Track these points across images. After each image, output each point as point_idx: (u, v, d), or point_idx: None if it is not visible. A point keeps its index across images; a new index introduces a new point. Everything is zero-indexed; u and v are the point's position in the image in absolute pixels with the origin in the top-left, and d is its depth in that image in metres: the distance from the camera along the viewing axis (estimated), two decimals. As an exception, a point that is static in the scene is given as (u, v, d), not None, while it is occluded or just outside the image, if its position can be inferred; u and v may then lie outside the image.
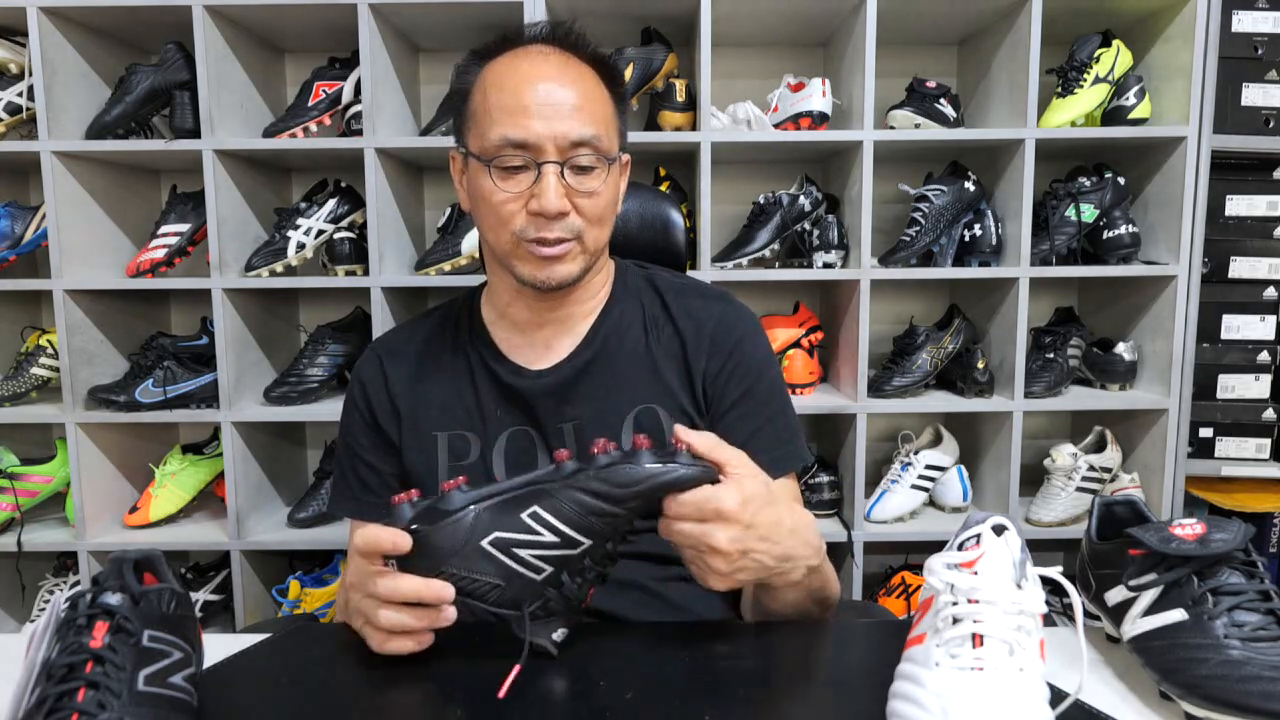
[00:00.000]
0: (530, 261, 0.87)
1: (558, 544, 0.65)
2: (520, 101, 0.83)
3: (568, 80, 0.85)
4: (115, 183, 1.84)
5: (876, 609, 1.17)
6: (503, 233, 0.87)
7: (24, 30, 1.63)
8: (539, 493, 0.65)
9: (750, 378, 0.94)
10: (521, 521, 0.64)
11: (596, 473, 0.64)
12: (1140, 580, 0.67)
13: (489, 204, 0.86)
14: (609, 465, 0.65)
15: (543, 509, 0.64)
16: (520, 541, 0.65)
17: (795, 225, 1.81)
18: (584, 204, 0.86)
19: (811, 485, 1.83)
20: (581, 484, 0.64)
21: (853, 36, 1.72)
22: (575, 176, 0.85)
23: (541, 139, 0.83)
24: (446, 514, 0.65)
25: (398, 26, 1.78)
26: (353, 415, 0.99)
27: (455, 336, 0.99)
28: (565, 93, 0.84)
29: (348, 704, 0.66)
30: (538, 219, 0.84)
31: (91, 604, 0.58)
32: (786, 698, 0.65)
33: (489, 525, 0.65)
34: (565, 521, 0.65)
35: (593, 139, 0.84)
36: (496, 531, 0.64)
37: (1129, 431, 1.86)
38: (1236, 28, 1.70)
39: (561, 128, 0.83)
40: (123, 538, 1.76)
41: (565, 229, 0.85)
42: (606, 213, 0.89)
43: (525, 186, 0.84)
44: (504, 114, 0.84)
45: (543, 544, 0.65)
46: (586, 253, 0.89)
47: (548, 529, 0.65)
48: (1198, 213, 1.70)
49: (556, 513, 0.64)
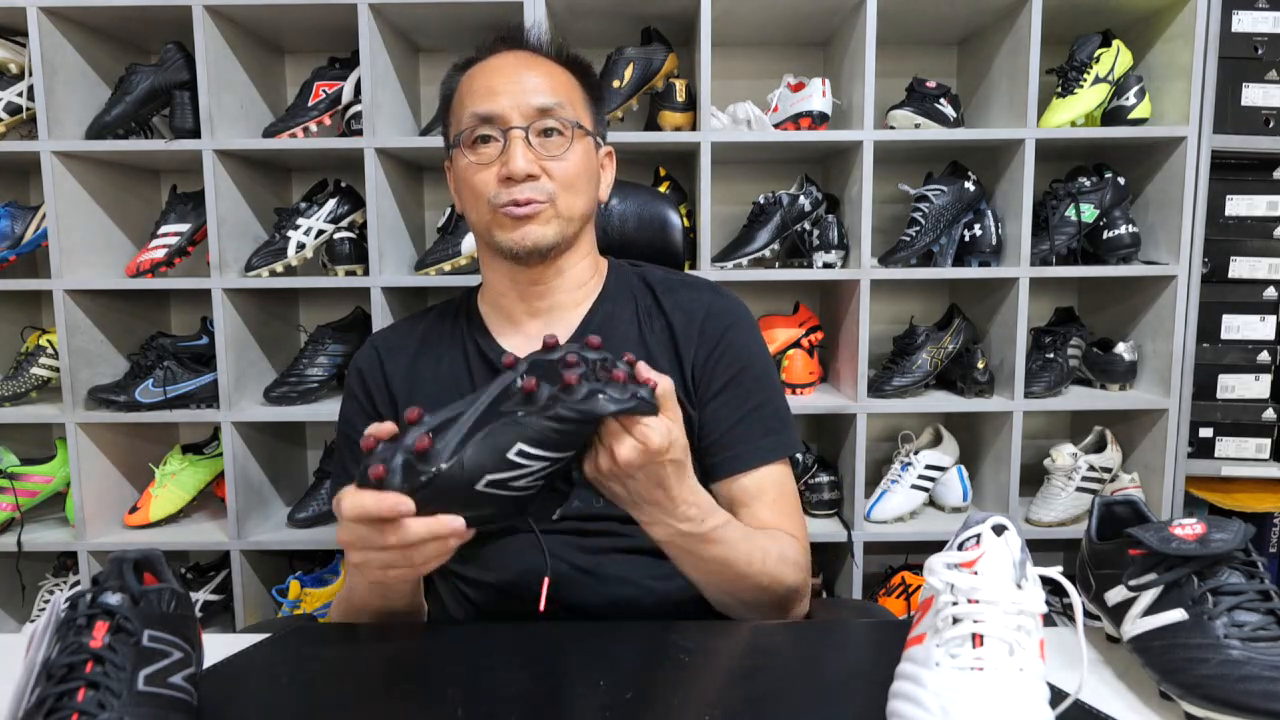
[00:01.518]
0: (505, 226, 0.90)
1: (546, 465, 0.66)
2: (488, 84, 0.91)
3: (533, 66, 0.93)
4: (115, 183, 1.84)
5: (876, 609, 1.16)
6: (480, 204, 0.91)
7: (24, 30, 1.63)
8: (513, 424, 0.65)
9: (737, 364, 0.95)
10: (509, 460, 0.64)
11: (573, 404, 0.65)
12: (1140, 580, 0.67)
13: (466, 179, 0.92)
14: (585, 398, 0.65)
15: (527, 444, 0.64)
16: (511, 477, 0.65)
17: (795, 225, 1.81)
18: (553, 167, 0.90)
19: (811, 485, 1.83)
20: (557, 414, 0.64)
21: (853, 36, 1.72)
22: (541, 140, 0.90)
23: (506, 110, 0.89)
24: (434, 470, 0.63)
25: (398, 26, 1.78)
26: (351, 404, 1.00)
27: (452, 329, 1.01)
28: (530, 73, 0.91)
29: (348, 704, 0.66)
30: (508, 183, 0.89)
31: (91, 604, 0.58)
32: (786, 698, 0.65)
33: (479, 470, 0.64)
34: (551, 447, 0.65)
35: (555, 106, 0.90)
36: (488, 474, 0.64)
37: (1129, 431, 1.86)
38: (1236, 28, 1.70)
39: (525, 98, 0.89)
40: (123, 538, 1.76)
41: (536, 190, 0.89)
42: (578, 181, 0.92)
43: (495, 155, 0.90)
44: (474, 96, 0.91)
45: (530, 471, 0.66)
46: (560, 218, 0.91)
47: (535, 459, 0.65)
48: (1198, 213, 1.70)
49: (540, 443, 0.65)
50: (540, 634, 0.77)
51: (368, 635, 0.81)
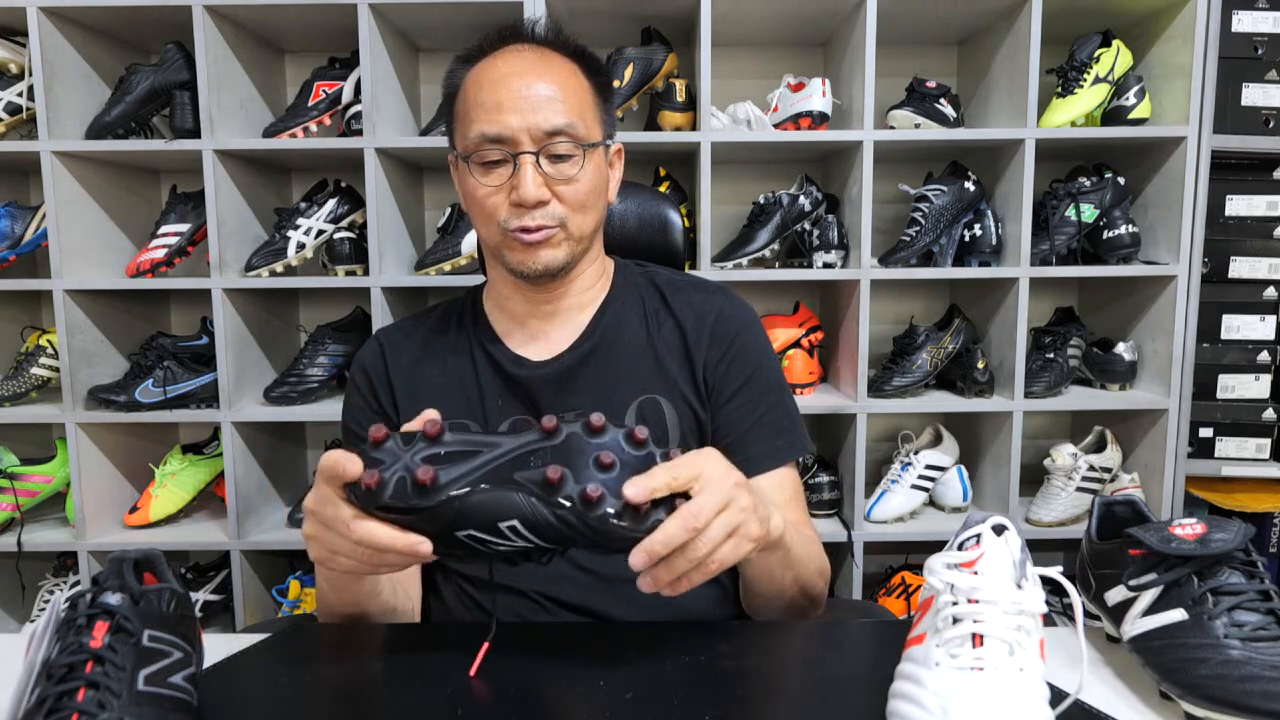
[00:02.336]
0: (516, 249, 0.89)
1: (529, 549, 0.65)
2: (495, 98, 0.86)
3: (542, 72, 0.88)
4: (115, 183, 1.84)
5: (876, 609, 1.16)
6: (490, 226, 0.89)
7: (24, 30, 1.63)
8: (521, 500, 0.62)
9: (749, 368, 0.95)
10: (499, 529, 0.62)
11: (593, 520, 0.61)
12: (1140, 580, 0.67)
13: (475, 200, 0.89)
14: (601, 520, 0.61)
15: (523, 525, 0.62)
16: (494, 541, 0.64)
17: (795, 225, 1.81)
18: (564, 191, 0.88)
19: (811, 485, 1.83)
20: (568, 520, 0.62)
21: (853, 36, 1.72)
22: (553, 165, 0.87)
23: (516, 132, 0.85)
24: (421, 506, 0.62)
25: (398, 26, 1.78)
26: (355, 399, 1.00)
27: (458, 327, 1.00)
28: (540, 85, 0.86)
29: (348, 704, 0.66)
30: (519, 209, 0.87)
31: (91, 604, 0.58)
32: (786, 698, 0.65)
33: (467, 521, 0.62)
34: (542, 536, 0.63)
35: (567, 127, 0.86)
36: (472, 529, 0.63)
37: (1129, 431, 1.86)
38: (1236, 28, 1.70)
39: (535, 119, 0.85)
40: (123, 538, 1.76)
41: (546, 216, 0.87)
42: (589, 199, 0.90)
43: (505, 179, 0.87)
44: (481, 111, 0.86)
45: (516, 547, 0.64)
46: (571, 239, 0.90)
47: (523, 539, 0.63)
48: (1198, 213, 1.70)
49: (535, 530, 0.62)
50: (540, 634, 0.77)
51: (368, 635, 0.81)
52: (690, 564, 0.62)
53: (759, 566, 0.82)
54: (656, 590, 0.64)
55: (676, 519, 0.62)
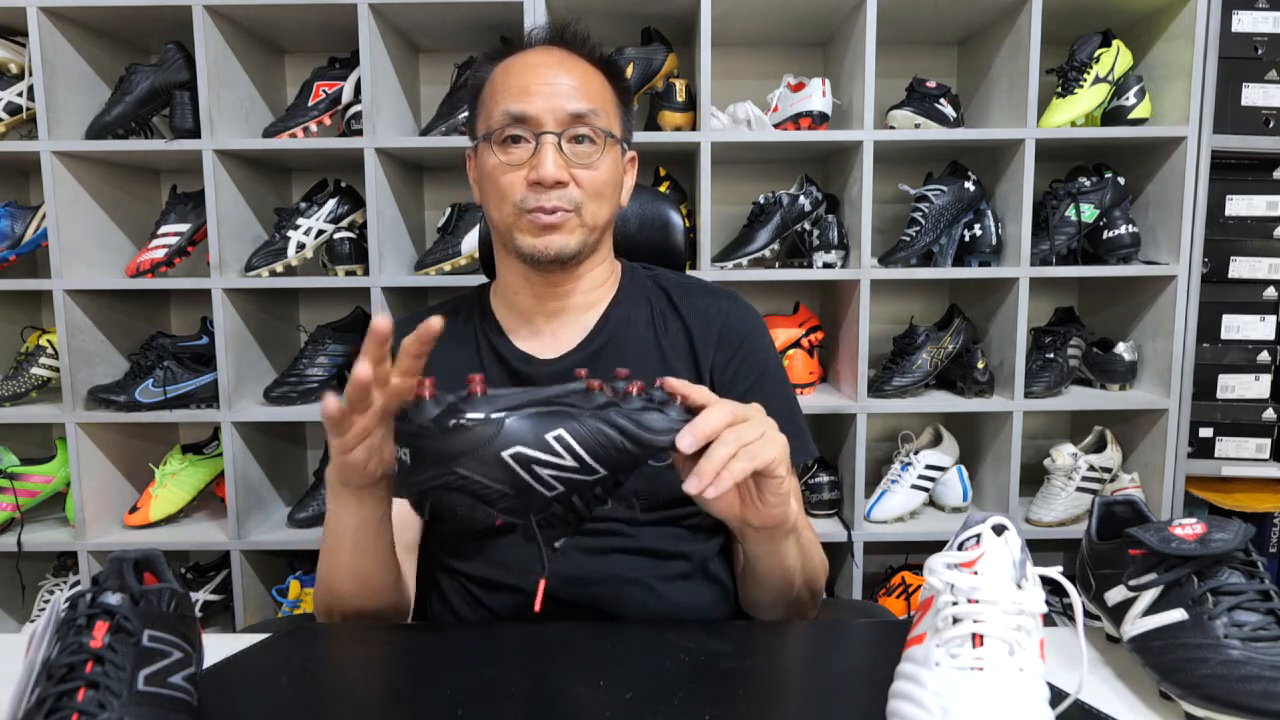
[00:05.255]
0: (529, 231, 0.90)
1: (576, 469, 0.65)
2: (523, 83, 0.89)
3: (570, 68, 0.91)
4: (115, 183, 1.84)
5: (876, 609, 1.17)
6: (505, 205, 0.90)
7: (24, 30, 1.63)
8: (565, 414, 0.65)
9: (756, 372, 0.96)
10: (546, 441, 0.64)
11: (629, 412, 0.65)
12: (1140, 580, 0.67)
13: (492, 178, 0.90)
14: (643, 409, 0.65)
15: (569, 434, 0.64)
16: (540, 460, 0.64)
17: (795, 225, 1.81)
18: (582, 175, 0.89)
19: (811, 485, 1.83)
20: (610, 418, 0.64)
21: (853, 36, 1.72)
22: (573, 148, 0.89)
23: (540, 112, 0.87)
24: (473, 418, 0.63)
25: (398, 26, 1.78)
26: None
27: (465, 323, 1.01)
28: (565, 76, 0.90)
29: (348, 704, 0.66)
30: (537, 188, 0.88)
31: (91, 604, 0.58)
32: (786, 698, 0.65)
33: (513, 438, 0.63)
34: (588, 450, 0.64)
35: (589, 113, 0.89)
36: (519, 446, 0.63)
37: (1129, 431, 1.86)
38: (1236, 28, 1.70)
39: (559, 102, 0.88)
40: (123, 538, 1.76)
41: (563, 199, 0.89)
42: (605, 189, 0.92)
43: (525, 157, 0.88)
44: (508, 93, 0.89)
45: (562, 466, 0.65)
46: (585, 226, 0.91)
47: (570, 453, 0.64)
48: (1198, 213, 1.70)
49: (582, 440, 0.64)
50: (540, 634, 0.77)
51: (368, 635, 0.81)
52: (729, 452, 0.65)
53: (772, 559, 0.81)
54: (700, 490, 0.65)
55: (716, 407, 0.67)
